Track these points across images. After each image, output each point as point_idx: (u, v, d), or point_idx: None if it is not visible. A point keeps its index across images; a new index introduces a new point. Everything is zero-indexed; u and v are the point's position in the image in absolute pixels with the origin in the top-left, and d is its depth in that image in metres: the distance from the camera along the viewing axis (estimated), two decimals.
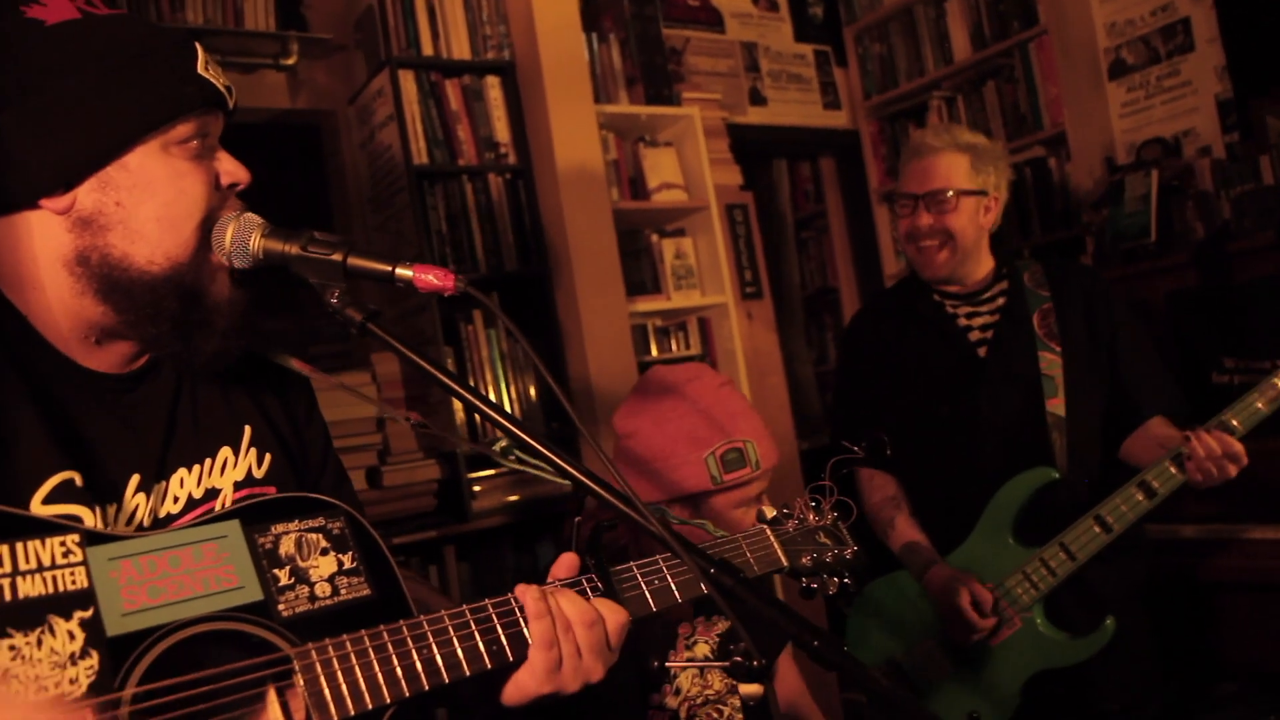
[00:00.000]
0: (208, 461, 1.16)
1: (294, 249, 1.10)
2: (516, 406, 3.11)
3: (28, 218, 1.06)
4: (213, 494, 1.15)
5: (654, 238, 3.61)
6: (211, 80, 1.11)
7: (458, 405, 3.02)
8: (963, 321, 2.46)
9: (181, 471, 1.14)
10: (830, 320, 5.32)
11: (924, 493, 2.41)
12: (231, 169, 1.14)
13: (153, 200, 1.07)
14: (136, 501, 1.08)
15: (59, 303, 1.07)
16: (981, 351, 2.42)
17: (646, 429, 1.81)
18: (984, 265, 2.48)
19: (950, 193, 2.37)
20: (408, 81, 3.05)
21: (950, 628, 2.22)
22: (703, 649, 1.84)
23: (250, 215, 1.14)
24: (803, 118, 4.51)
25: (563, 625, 1.08)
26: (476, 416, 3.07)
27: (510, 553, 3.18)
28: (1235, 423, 2.15)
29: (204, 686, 0.89)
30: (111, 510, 1.06)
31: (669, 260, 3.60)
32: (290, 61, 3.13)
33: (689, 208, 3.63)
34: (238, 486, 1.17)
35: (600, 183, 3.24)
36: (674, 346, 3.66)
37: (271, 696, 0.94)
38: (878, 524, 2.41)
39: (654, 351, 3.58)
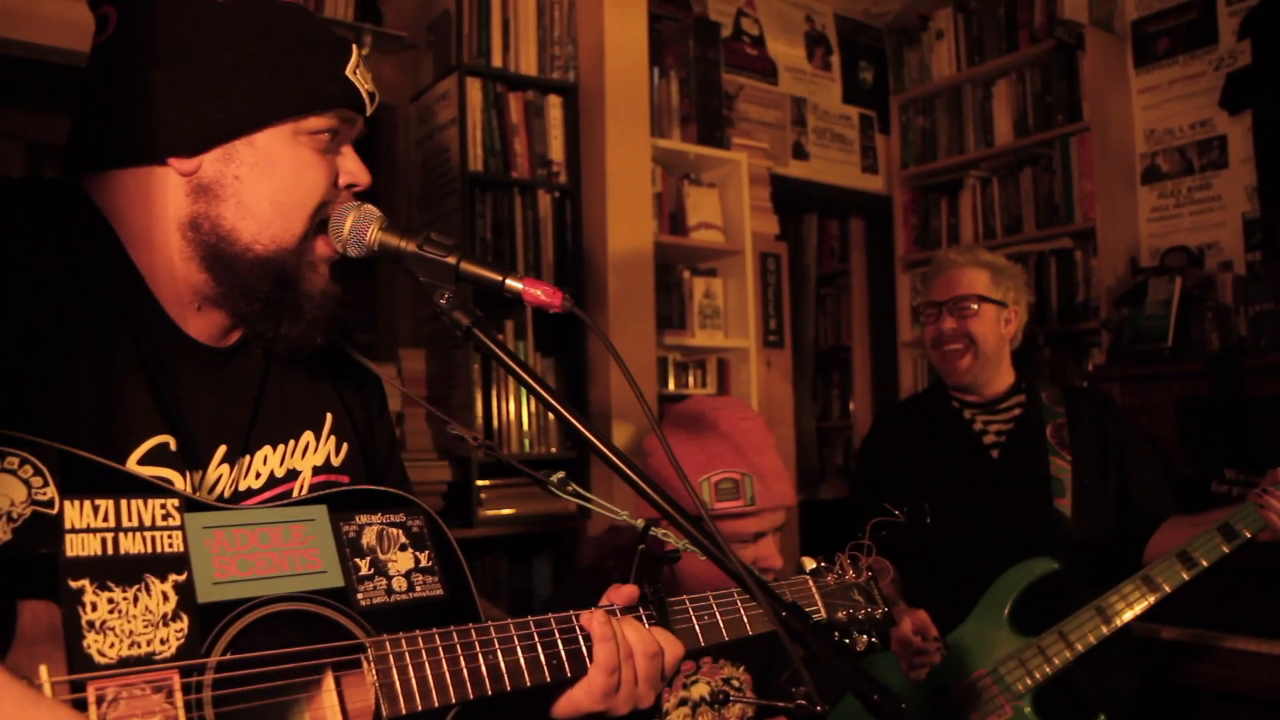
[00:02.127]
0: (291, 443, 1.19)
1: (410, 246, 1.14)
2: (534, 421, 3.15)
3: (156, 173, 1.09)
4: (293, 475, 1.18)
5: (686, 274, 3.67)
6: (356, 84, 1.15)
7: (478, 410, 3.05)
8: (979, 426, 2.60)
9: (266, 449, 1.17)
10: (838, 377, 5.38)
11: (927, 580, 2.45)
12: (354, 170, 1.17)
13: (270, 182, 1.10)
14: (219, 472, 1.11)
15: (170, 264, 1.10)
16: (995, 453, 2.56)
17: (659, 446, 1.85)
18: (1004, 378, 2.62)
19: (972, 298, 2.53)
20: (474, 89, 3.11)
21: (903, 661, 2.20)
22: (701, 689, 1.87)
23: (370, 208, 1.18)
24: (840, 177, 4.59)
25: (625, 652, 1.11)
26: (494, 424, 3.11)
27: (505, 564, 3.21)
28: None
29: (284, 664, 0.92)
30: (196, 477, 1.08)
31: (698, 298, 3.66)
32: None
33: (724, 249, 3.69)
34: (315, 471, 1.20)
35: (646, 213, 3.30)
36: (691, 383, 3.71)
37: (329, 679, 0.97)
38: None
39: (671, 386, 3.63)
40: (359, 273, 3.44)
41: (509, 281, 1.13)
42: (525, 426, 3.14)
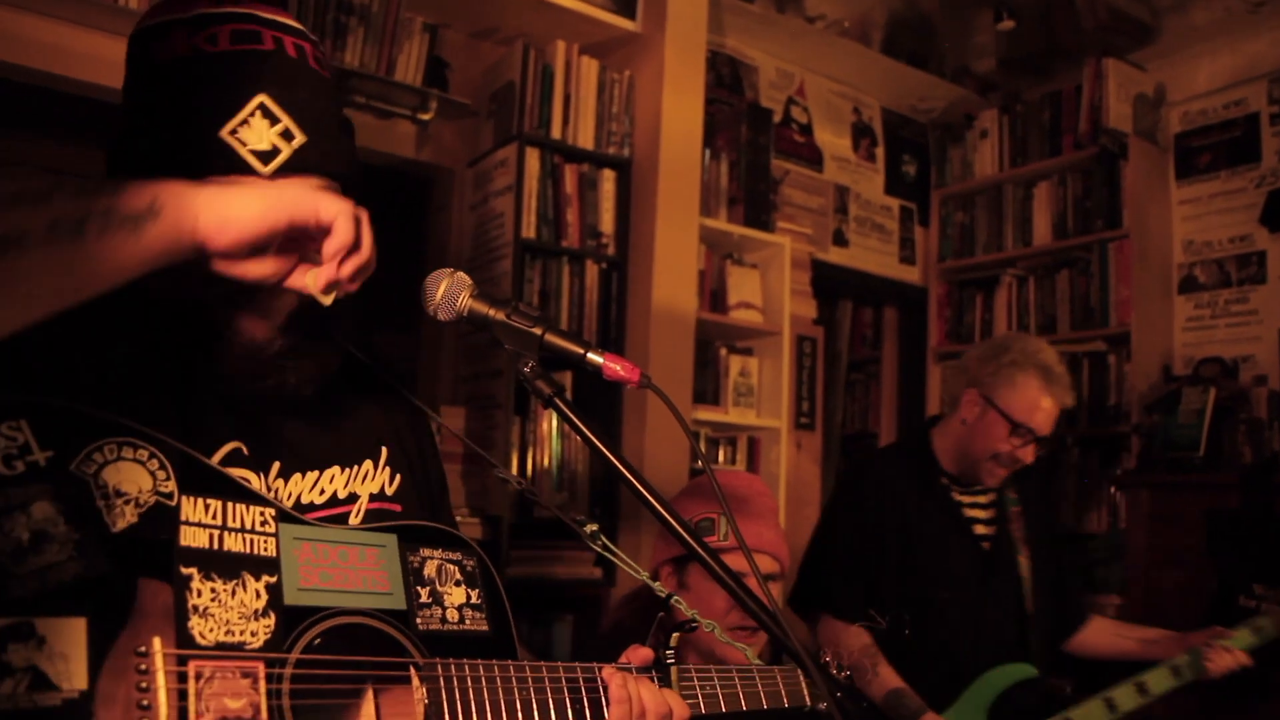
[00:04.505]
0: (355, 468, 1.25)
1: (499, 315, 1.19)
2: (568, 486, 3.18)
3: None
4: (353, 498, 1.23)
5: (723, 351, 3.72)
6: (233, 145, 1.07)
7: (513, 471, 3.08)
8: (967, 513, 2.59)
9: (334, 469, 1.22)
10: None
11: (904, 664, 2.40)
12: None
13: None
14: (276, 485, 1.16)
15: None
16: (986, 545, 2.56)
17: (675, 499, 1.98)
18: None
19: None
20: (532, 158, 3.20)
21: None
22: None
23: (462, 275, 1.23)
24: (878, 266, 4.66)
25: (638, 712, 1.18)
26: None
27: (526, 625, 3.21)
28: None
29: (352, 670, 1.01)
30: (262, 483, 1.14)
31: (733, 376, 3.70)
32: (426, 117, 3.29)
33: (762, 330, 3.75)
34: (372, 498, 1.26)
35: (690, 289, 3.36)
36: (721, 458, 3.74)
37: (369, 695, 1.04)
38: (858, 670, 2.37)
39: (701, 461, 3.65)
40: (401, 329, 3.51)
41: (590, 356, 1.19)
42: (557, 489, 3.17)
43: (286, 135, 1.09)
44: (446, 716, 1.04)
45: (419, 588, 1.14)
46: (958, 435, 2.55)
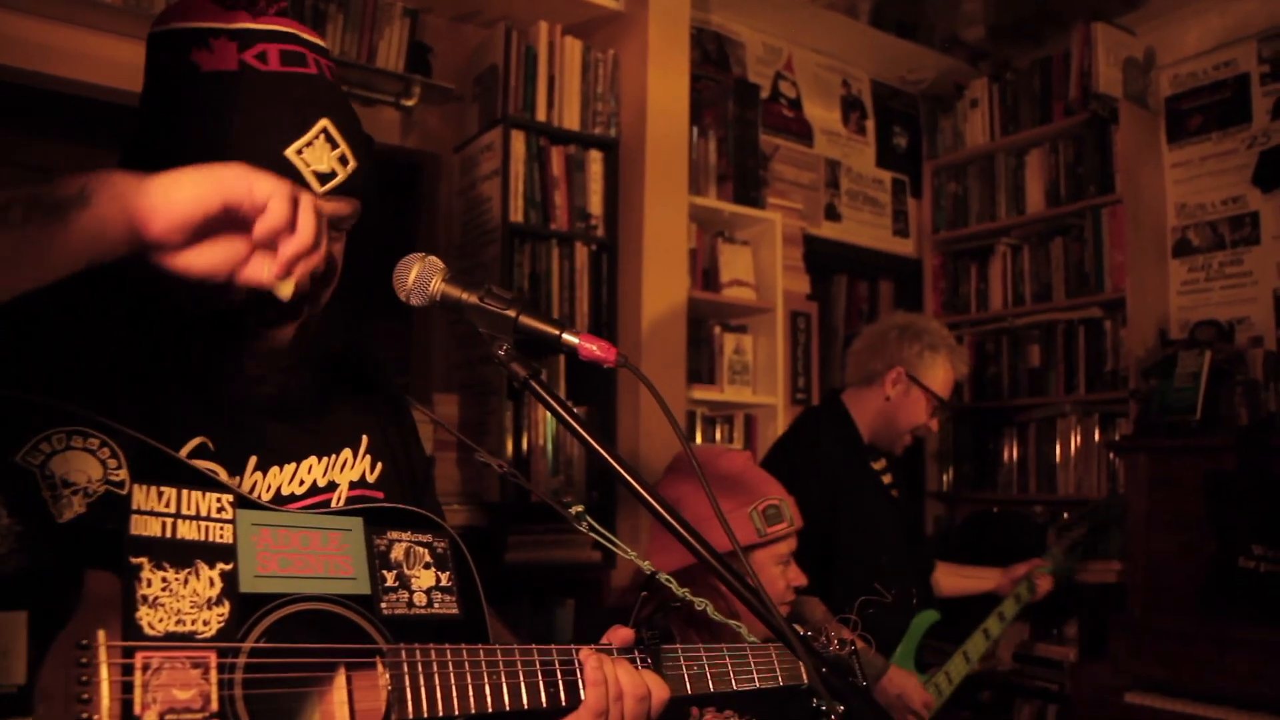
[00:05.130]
0: (333, 456, 1.26)
1: (472, 298, 1.19)
2: (564, 471, 3.18)
3: None
4: (332, 486, 1.24)
5: (717, 330, 3.71)
6: (298, 166, 1.12)
7: (508, 457, 3.09)
8: (884, 479, 2.92)
9: (312, 459, 1.23)
10: None
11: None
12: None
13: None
14: (254, 479, 1.17)
15: None
16: (895, 493, 2.94)
17: (690, 493, 1.96)
18: None
19: None
20: (518, 142, 3.18)
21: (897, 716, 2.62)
22: None
23: (434, 259, 1.23)
24: (871, 240, 4.64)
25: (615, 694, 1.17)
26: (523, 471, 3.14)
27: (528, 610, 3.22)
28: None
29: (309, 658, 0.99)
30: (235, 481, 1.14)
31: (728, 354, 3.69)
32: (410, 103, 3.27)
33: (756, 307, 3.74)
34: (352, 486, 1.27)
35: (682, 268, 3.35)
36: (718, 436, 3.73)
37: (341, 678, 1.03)
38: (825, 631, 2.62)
39: (699, 439, 3.65)
40: (394, 316, 3.50)
41: (565, 336, 1.17)
42: (553, 474, 3.17)
43: (343, 160, 1.16)
44: (410, 703, 1.02)
45: (385, 571, 1.11)
46: (879, 410, 2.82)
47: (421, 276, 1.21)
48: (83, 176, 0.88)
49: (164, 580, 0.93)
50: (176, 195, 0.90)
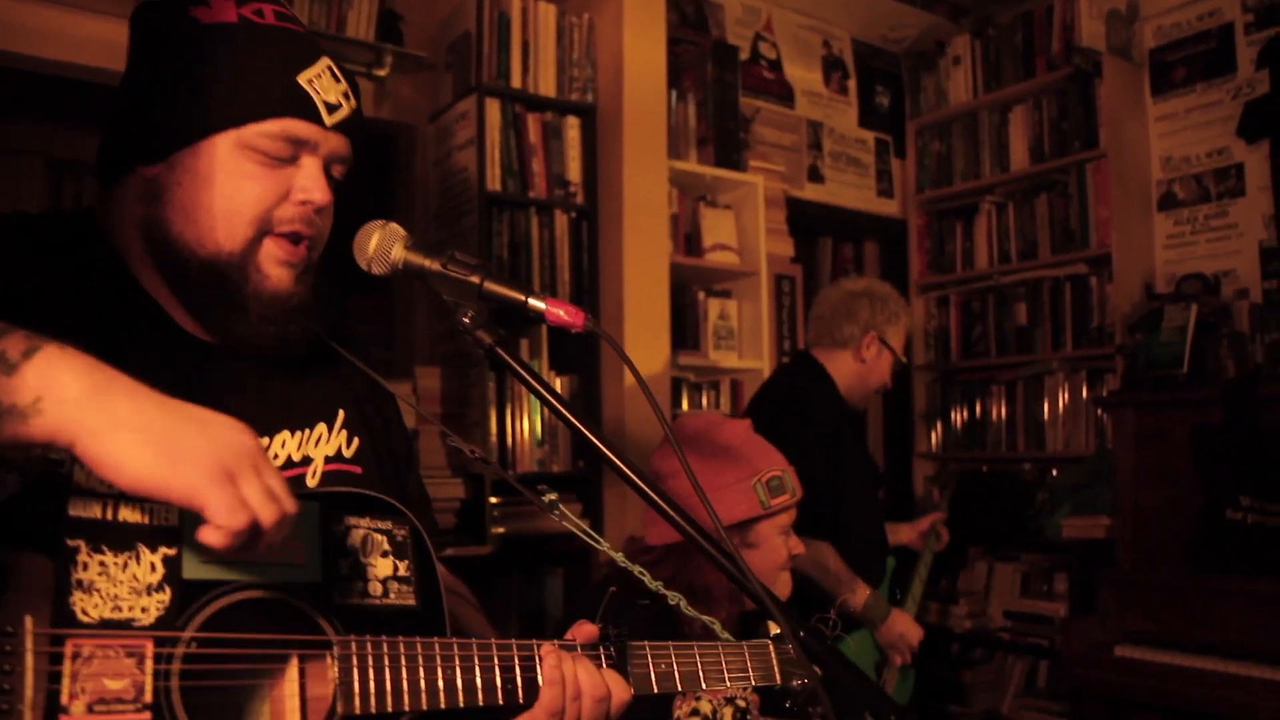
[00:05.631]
0: (307, 431, 1.24)
1: (434, 265, 1.16)
2: (548, 439, 3.16)
3: (126, 180, 1.17)
4: (307, 461, 1.22)
5: (701, 295, 3.68)
6: (309, 92, 1.15)
7: (492, 427, 3.07)
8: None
9: (285, 434, 1.21)
10: None
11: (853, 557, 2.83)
12: (308, 185, 1.17)
13: (209, 191, 1.13)
14: None
15: (148, 268, 1.17)
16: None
17: (692, 464, 1.90)
18: None
19: None
20: (493, 110, 3.14)
21: (894, 654, 2.85)
22: (705, 706, 1.89)
23: (395, 226, 1.20)
24: (855, 201, 4.61)
25: (572, 693, 1.11)
26: (508, 441, 3.13)
27: (517, 581, 3.21)
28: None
29: (252, 649, 0.94)
30: None
31: (712, 319, 3.67)
32: (382, 73, 3.22)
33: (739, 271, 3.71)
34: (328, 460, 1.24)
35: (663, 234, 3.32)
36: (705, 402, 3.72)
37: (293, 669, 0.99)
38: (842, 581, 2.73)
39: (685, 405, 3.64)
40: (376, 289, 3.47)
41: (531, 301, 1.15)
42: (539, 444, 3.16)
43: (347, 96, 1.20)
44: (357, 699, 0.97)
45: (340, 559, 1.05)
46: (855, 370, 2.97)
47: (382, 244, 1.18)
48: (35, 379, 0.83)
49: (101, 564, 0.87)
50: (129, 468, 0.84)
